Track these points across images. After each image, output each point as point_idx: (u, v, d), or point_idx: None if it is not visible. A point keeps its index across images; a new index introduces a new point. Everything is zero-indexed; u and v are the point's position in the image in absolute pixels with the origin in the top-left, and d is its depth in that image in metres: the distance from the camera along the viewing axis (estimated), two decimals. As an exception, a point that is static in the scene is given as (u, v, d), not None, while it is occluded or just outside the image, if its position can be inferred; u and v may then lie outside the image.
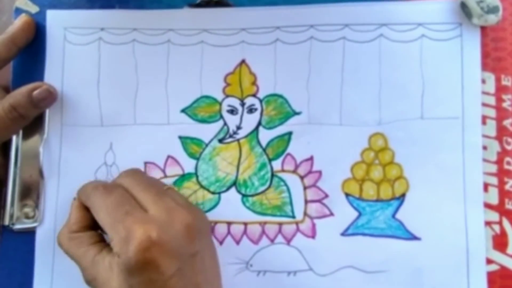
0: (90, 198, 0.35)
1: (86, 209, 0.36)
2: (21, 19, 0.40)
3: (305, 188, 0.40)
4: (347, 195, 0.40)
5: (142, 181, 0.36)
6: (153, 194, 0.34)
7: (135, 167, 0.39)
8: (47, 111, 0.40)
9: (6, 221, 0.39)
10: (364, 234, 0.39)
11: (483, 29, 0.40)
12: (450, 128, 0.39)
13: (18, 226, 0.39)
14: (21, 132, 0.40)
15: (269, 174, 0.40)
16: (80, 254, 0.34)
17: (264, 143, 0.40)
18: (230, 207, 0.40)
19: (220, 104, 0.40)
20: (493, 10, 0.39)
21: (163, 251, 0.30)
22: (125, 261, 0.30)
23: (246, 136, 0.40)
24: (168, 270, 0.30)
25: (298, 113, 0.40)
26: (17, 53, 0.40)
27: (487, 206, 0.39)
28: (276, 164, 0.40)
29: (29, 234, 0.40)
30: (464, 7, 0.40)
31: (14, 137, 0.40)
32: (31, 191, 0.40)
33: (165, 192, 0.35)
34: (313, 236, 0.39)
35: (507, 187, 0.39)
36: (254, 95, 0.40)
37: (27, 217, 0.40)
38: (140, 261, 0.30)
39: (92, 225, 0.36)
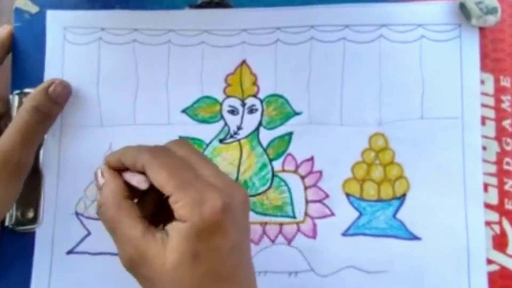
0: (141, 158, 0.32)
1: (120, 179, 0.33)
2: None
3: (305, 188, 0.40)
4: (347, 195, 0.40)
5: (196, 150, 0.34)
6: (211, 166, 0.33)
7: (183, 139, 0.37)
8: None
9: (6, 222, 0.39)
10: (365, 234, 0.39)
11: (482, 30, 0.40)
12: (450, 128, 0.40)
13: (18, 227, 0.39)
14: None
15: (269, 174, 0.40)
16: (129, 225, 0.31)
17: (264, 143, 0.40)
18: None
19: (221, 104, 0.40)
20: (491, 11, 0.39)
21: (233, 218, 0.30)
22: (198, 222, 0.29)
23: (246, 136, 0.40)
24: (234, 238, 0.30)
25: (298, 113, 0.40)
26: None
27: (487, 206, 0.39)
28: (277, 164, 0.40)
29: (29, 235, 0.39)
30: (463, 8, 0.40)
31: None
32: (30, 192, 0.39)
33: (218, 168, 0.33)
34: (314, 236, 0.39)
35: (506, 187, 0.39)
36: (254, 96, 0.40)
37: (26, 218, 0.39)
38: (214, 223, 0.29)
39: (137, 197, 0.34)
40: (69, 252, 0.39)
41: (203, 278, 0.29)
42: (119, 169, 0.34)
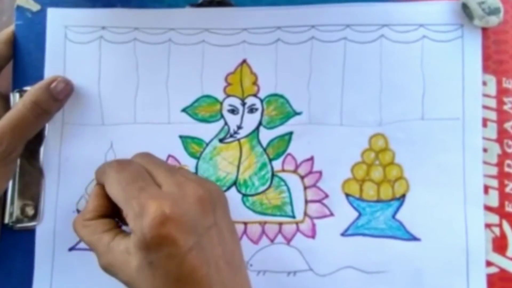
0: (104, 174, 0.35)
1: (103, 198, 0.35)
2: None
3: (305, 188, 0.40)
4: (347, 195, 0.40)
5: (155, 159, 0.36)
6: (165, 170, 0.34)
7: (146, 152, 0.38)
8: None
9: (6, 220, 0.39)
10: (364, 235, 0.39)
11: (484, 31, 0.40)
12: (451, 129, 0.39)
13: (18, 225, 0.39)
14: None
15: (269, 174, 0.40)
16: (94, 240, 0.34)
17: (264, 143, 0.40)
18: (230, 207, 0.39)
19: (221, 103, 0.40)
20: (494, 11, 0.39)
21: (178, 225, 0.30)
22: (141, 237, 0.30)
23: (246, 136, 0.40)
24: (186, 244, 0.30)
25: (298, 113, 0.40)
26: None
27: (487, 208, 0.39)
28: (277, 164, 0.40)
29: (29, 232, 0.40)
30: (465, 8, 0.40)
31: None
32: (31, 190, 0.40)
33: (176, 169, 0.35)
34: (313, 236, 0.39)
35: (507, 189, 0.39)
36: (255, 95, 0.40)
37: (27, 215, 0.39)
38: (156, 236, 0.30)
39: (107, 214, 0.35)
40: (71, 249, 0.40)
41: (163, 281, 0.30)
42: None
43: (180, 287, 0.30)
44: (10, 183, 0.39)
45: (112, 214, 0.35)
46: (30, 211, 0.39)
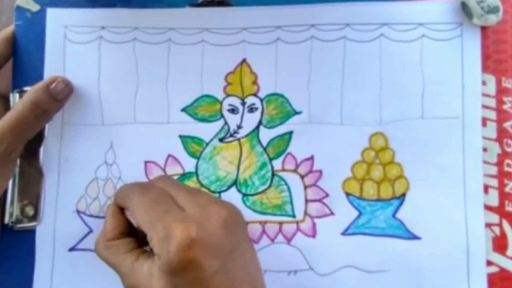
0: (127, 198, 0.35)
1: (121, 216, 0.36)
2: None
3: (305, 187, 0.40)
4: (347, 194, 0.40)
5: (175, 182, 0.36)
6: (187, 192, 0.34)
7: (166, 175, 0.39)
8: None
9: (6, 220, 0.39)
10: (364, 234, 0.39)
11: (484, 31, 0.40)
12: (450, 127, 0.39)
13: (17, 225, 0.39)
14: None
15: (269, 174, 0.40)
16: (118, 262, 0.33)
17: (264, 143, 0.40)
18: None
19: (221, 103, 0.40)
20: (493, 10, 0.39)
21: (204, 248, 0.30)
22: (167, 261, 0.30)
23: (246, 136, 0.40)
24: (211, 267, 0.30)
25: (298, 113, 0.40)
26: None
27: (487, 208, 0.39)
28: (277, 164, 0.40)
29: (29, 233, 0.39)
30: (464, 7, 0.40)
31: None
32: (31, 190, 0.40)
33: (197, 191, 0.35)
34: (313, 235, 0.39)
35: (507, 189, 0.39)
36: (254, 94, 0.40)
37: (26, 216, 0.39)
38: (182, 261, 0.29)
39: (128, 232, 0.35)
40: (71, 249, 0.40)
41: None
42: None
43: None
44: (10, 183, 0.39)
45: (131, 232, 0.35)
46: (30, 211, 0.39)
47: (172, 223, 0.30)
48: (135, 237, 0.35)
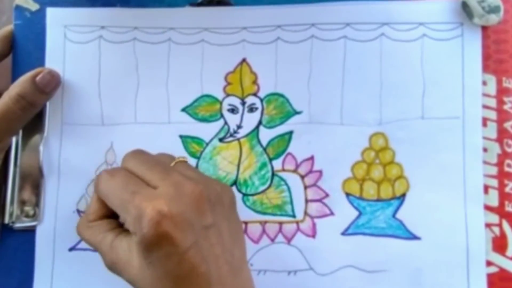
0: (98, 186, 0.35)
1: (102, 200, 0.35)
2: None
3: (305, 187, 0.40)
4: (347, 194, 0.40)
5: (147, 160, 0.35)
6: (159, 171, 0.33)
7: (138, 148, 0.37)
8: (47, 110, 0.40)
9: (6, 220, 0.39)
10: (364, 234, 0.39)
11: (484, 31, 0.40)
12: (451, 128, 0.39)
13: (18, 225, 0.39)
14: (21, 131, 0.40)
15: (269, 174, 0.40)
16: (98, 240, 0.34)
17: (264, 142, 0.40)
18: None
19: (221, 103, 0.40)
20: (494, 10, 0.39)
21: (176, 223, 0.30)
22: (141, 238, 0.30)
23: (246, 135, 0.40)
24: (183, 243, 0.30)
25: (298, 113, 0.40)
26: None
27: (487, 208, 0.39)
28: (277, 164, 0.40)
29: (29, 232, 0.40)
30: (465, 6, 0.40)
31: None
32: (31, 190, 0.40)
33: (172, 168, 0.34)
34: (313, 235, 0.39)
35: (507, 189, 0.39)
36: (254, 94, 0.40)
37: (27, 215, 0.39)
38: (155, 236, 0.30)
39: (109, 215, 0.35)
40: (72, 248, 0.40)
41: (162, 280, 0.31)
42: None
43: (179, 285, 0.31)
44: (10, 183, 0.39)
45: (114, 215, 0.35)
46: (30, 211, 0.39)
47: (142, 201, 0.31)
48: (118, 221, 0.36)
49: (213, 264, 0.31)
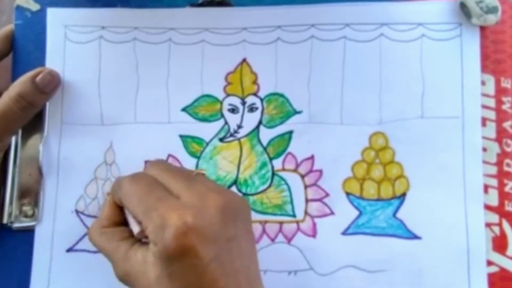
0: (120, 189, 0.34)
1: (117, 206, 0.35)
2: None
3: (305, 187, 0.40)
4: (347, 194, 0.40)
5: (170, 169, 0.35)
6: (183, 180, 0.33)
7: (161, 159, 0.38)
8: (47, 109, 0.40)
9: (5, 220, 0.39)
10: (364, 233, 0.39)
11: (483, 31, 0.40)
12: (450, 127, 0.40)
13: (16, 225, 0.39)
14: (20, 130, 0.40)
15: (269, 173, 0.40)
16: (112, 249, 0.33)
17: (264, 142, 0.40)
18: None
19: (221, 103, 0.40)
20: (492, 10, 0.39)
21: (200, 236, 0.30)
22: (162, 248, 0.30)
23: (246, 135, 0.40)
24: (207, 255, 0.30)
25: (299, 112, 0.40)
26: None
27: (487, 207, 0.39)
28: (277, 163, 0.40)
29: (28, 233, 0.39)
30: (463, 7, 0.40)
31: (13, 135, 0.40)
32: (30, 190, 0.40)
33: (194, 178, 0.34)
34: (313, 235, 0.39)
35: (506, 189, 0.39)
36: (255, 94, 0.40)
37: (25, 215, 0.39)
38: (178, 248, 0.29)
39: (123, 222, 0.35)
40: (69, 249, 0.39)
41: None
42: None
43: None
44: (9, 183, 0.39)
45: (125, 222, 0.35)
46: (29, 211, 0.39)
47: (168, 210, 0.30)
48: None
49: (232, 279, 0.31)
